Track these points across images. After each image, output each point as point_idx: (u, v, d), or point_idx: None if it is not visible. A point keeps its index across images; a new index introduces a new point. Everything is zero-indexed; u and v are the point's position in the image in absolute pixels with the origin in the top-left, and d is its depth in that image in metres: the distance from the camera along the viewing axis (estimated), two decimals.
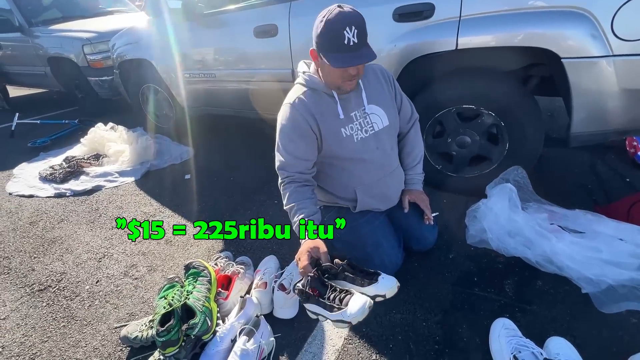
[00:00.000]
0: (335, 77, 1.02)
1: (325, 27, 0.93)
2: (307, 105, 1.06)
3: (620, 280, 1.07)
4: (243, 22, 1.96)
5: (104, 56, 3.23)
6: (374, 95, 1.15)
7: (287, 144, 1.09)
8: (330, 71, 1.00)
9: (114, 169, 2.28)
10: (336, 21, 0.92)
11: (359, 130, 1.13)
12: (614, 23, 1.12)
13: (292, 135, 1.07)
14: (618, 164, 1.87)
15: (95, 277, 1.38)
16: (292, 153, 1.08)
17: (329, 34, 0.93)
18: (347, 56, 0.93)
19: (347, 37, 0.91)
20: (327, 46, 0.95)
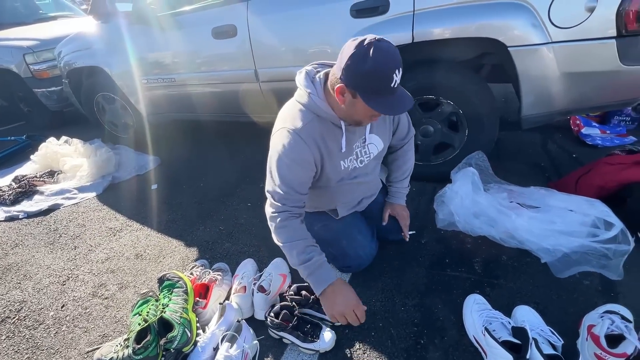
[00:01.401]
0: (363, 116, 0.92)
1: (373, 68, 0.80)
2: (313, 135, 0.95)
3: (572, 248, 1.17)
4: (200, 24, 1.90)
5: (50, 65, 2.99)
6: (376, 124, 1.08)
7: (286, 174, 0.95)
8: (361, 110, 0.90)
9: (72, 185, 2.14)
10: (386, 62, 0.80)
11: (355, 161, 1.08)
12: (550, 12, 1.22)
13: (293, 166, 0.95)
14: (565, 142, 2.04)
15: (60, 301, 1.30)
16: (292, 185, 0.96)
17: (377, 75, 0.81)
18: (392, 101, 0.85)
19: (395, 79, 0.82)
20: (370, 88, 0.83)
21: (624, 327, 0.85)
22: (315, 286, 0.99)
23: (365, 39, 0.81)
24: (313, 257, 0.97)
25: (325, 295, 0.98)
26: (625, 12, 1.16)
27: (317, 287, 0.99)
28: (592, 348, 0.85)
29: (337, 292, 0.98)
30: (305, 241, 0.99)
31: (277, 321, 1.00)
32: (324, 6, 1.56)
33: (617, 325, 0.86)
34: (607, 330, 0.85)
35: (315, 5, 1.58)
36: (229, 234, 1.58)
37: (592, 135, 2.01)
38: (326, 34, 1.59)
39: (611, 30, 1.19)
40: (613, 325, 0.86)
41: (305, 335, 0.99)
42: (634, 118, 2.08)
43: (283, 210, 0.98)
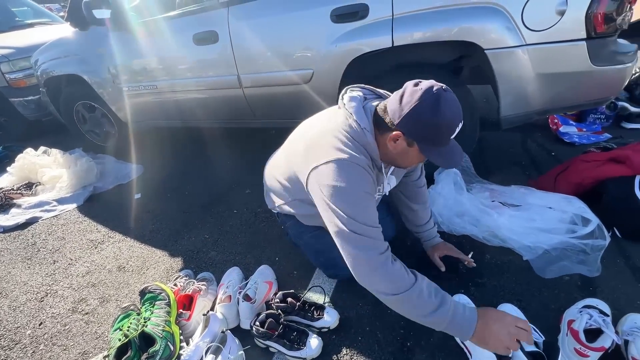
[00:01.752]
0: (409, 163, 0.91)
1: (442, 121, 0.77)
2: (366, 166, 0.86)
3: (552, 244, 1.20)
4: (181, 30, 1.88)
5: (27, 74, 2.91)
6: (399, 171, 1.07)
7: (371, 211, 0.84)
8: (412, 159, 0.88)
9: (51, 196, 2.07)
10: (454, 115, 0.78)
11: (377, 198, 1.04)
12: (523, 16, 1.25)
13: (372, 200, 0.86)
14: (545, 141, 2.09)
15: (38, 319, 1.25)
16: (374, 220, 0.84)
17: (443, 129, 0.79)
18: (448, 151, 0.83)
19: (457, 130, 0.81)
20: (431, 139, 0.81)
21: (601, 321, 0.87)
22: (462, 333, 0.81)
23: (432, 86, 0.78)
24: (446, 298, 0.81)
25: (477, 334, 0.79)
26: (594, 15, 1.20)
27: (465, 333, 0.80)
28: (572, 343, 0.86)
29: (489, 321, 0.80)
30: (427, 281, 0.84)
31: (263, 330, 0.99)
32: (304, 11, 1.57)
33: (595, 320, 0.88)
34: (586, 325, 0.87)
35: (296, 11, 1.58)
36: (215, 242, 1.55)
37: (569, 133, 2.07)
38: (307, 39, 1.60)
39: (581, 33, 1.23)
40: (591, 320, 0.88)
41: (292, 343, 0.98)
42: (608, 116, 2.16)
43: (386, 248, 0.83)
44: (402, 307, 0.82)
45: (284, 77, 1.71)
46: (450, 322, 0.79)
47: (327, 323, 1.04)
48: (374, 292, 0.83)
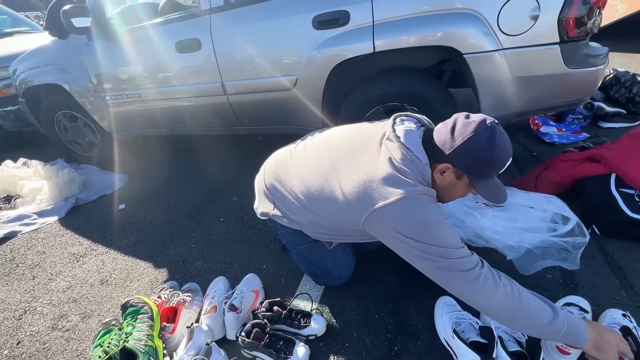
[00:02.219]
0: (456, 197, 0.92)
1: (497, 156, 0.77)
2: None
3: (534, 243, 1.22)
4: (163, 38, 1.87)
5: (5, 84, 2.83)
6: None
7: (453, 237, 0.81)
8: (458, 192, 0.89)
9: (31, 209, 2.01)
10: (508, 151, 0.79)
11: None
12: (499, 21, 1.29)
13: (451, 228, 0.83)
14: (526, 141, 2.14)
15: (15, 338, 1.20)
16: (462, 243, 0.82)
17: (497, 165, 0.79)
18: (497, 185, 0.86)
19: (507, 166, 0.82)
20: (482, 173, 0.81)
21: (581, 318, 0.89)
22: (578, 339, 0.78)
23: (485, 120, 0.78)
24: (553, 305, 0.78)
25: (592, 341, 0.77)
26: (566, 19, 1.24)
27: (581, 339, 0.78)
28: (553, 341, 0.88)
29: (599, 328, 0.80)
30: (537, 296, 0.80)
31: (249, 340, 0.97)
32: (286, 18, 1.57)
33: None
34: None
35: (278, 18, 1.59)
36: (201, 251, 1.53)
37: (549, 133, 2.12)
38: (290, 45, 1.60)
39: (555, 37, 1.27)
40: None
41: (279, 353, 0.97)
42: (586, 116, 2.22)
43: (486, 271, 0.78)
44: (519, 319, 0.78)
45: (268, 84, 1.71)
46: (567, 328, 0.76)
47: (314, 330, 1.04)
48: (490, 311, 0.80)
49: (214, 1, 1.69)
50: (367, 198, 0.82)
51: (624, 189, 1.28)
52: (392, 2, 1.38)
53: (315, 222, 1.01)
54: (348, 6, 1.44)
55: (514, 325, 0.82)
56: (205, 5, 1.71)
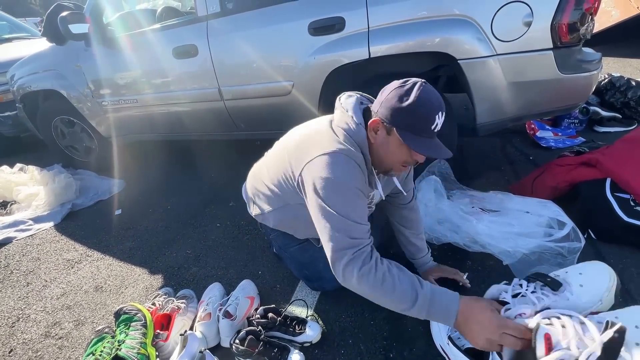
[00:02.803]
0: (396, 159, 0.87)
1: (416, 104, 0.78)
2: (361, 163, 0.86)
3: (530, 248, 1.22)
4: (159, 44, 1.88)
5: (3, 89, 2.84)
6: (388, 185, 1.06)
7: (360, 206, 0.83)
8: (394, 152, 0.85)
9: (27, 215, 2.00)
10: (430, 100, 0.79)
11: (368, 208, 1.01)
12: (493, 27, 1.30)
13: (362, 196, 0.85)
14: (523, 146, 2.15)
15: (8, 346, 1.19)
16: (363, 217, 0.83)
17: (418, 112, 0.78)
18: (433, 144, 0.81)
19: (437, 122, 0.80)
20: (409, 125, 0.80)
21: None
22: (445, 322, 0.81)
23: (411, 79, 0.81)
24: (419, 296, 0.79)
25: (458, 325, 0.78)
26: (559, 25, 1.25)
27: (448, 323, 0.80)
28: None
29: (469, 318, 0.77)
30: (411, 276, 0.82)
31: (243, 348, 0.96)
32: (282, 25, 1.59)
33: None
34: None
35: (274, 24, 1.60)
36: (197, 257, 1.52)
37: (546, 138, 2.13)
38: (286, 51, 1.61)
39: (548, 42, 1.28)
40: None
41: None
42: (581, 120, 2.23)
43: (369, 251, 0.81)
44: (380, 301, 0.82)
45: (264, 89, 1.72)
46: (427, 313, 0.79)
47: (309, 337, 1.03)
48: (352, 287, 0.83)
49: (210, 7, 1.70)
50: (301, 158, 0.88)
51: (619, 193, 1.28)
52: (386, 8, 1.39)
53: (282, 207, 1.05)
54: (343, 12, 1.45)
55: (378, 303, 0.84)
56: (202, 12, 1.72)
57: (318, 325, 1.06)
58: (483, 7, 1.29)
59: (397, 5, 1.37)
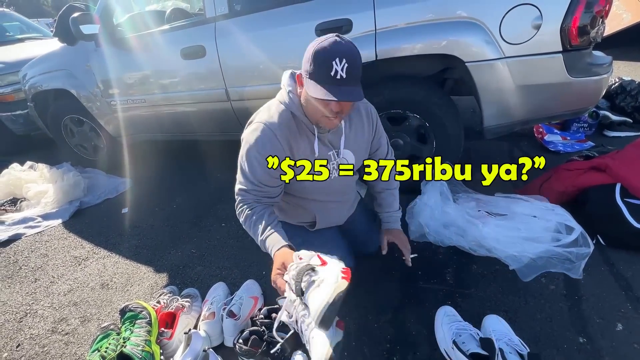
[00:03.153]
0: (316, 110, 0.90)
1: (315, 54, 0.83)
2: (284, 130, 0.95)
3: (537, 253, 1.20)
4: (168, 45, 1.90)
5: (15, 88, 2.90)
6: (352, 140, 1.07)
7: (257, 168, 0.95)
8: (312, 102, 0.89)
9: (36, 212, 2.03)
10: (327, 50, 0.82)
11: (334, 170, 1.07)
12: (501, 30, 1.29)
13: (261, 160, 0.95)
14: (530, 149, 2.13)
15: (15, 340, 1.21)
16: (262, 181, 0.96)
17: (317, 61, 0.83)
18: (331, 89, 0.82)
19: (336, 68, 0.81)
20: (312, 73, 0.84)
21: None
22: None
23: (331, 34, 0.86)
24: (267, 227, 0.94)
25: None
26: (569, 28, 1.24)
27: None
28: None
29: (275, 261, 0.89)
30: (268, 219, 0.96)
31: (246, 348, 0.96)
32: (289, 26, 1.59)
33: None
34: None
35: (282, 26, 1.61)
36: (201, 256, 1.53)
37: (554, 142, 2.10)
38: (293, 53, 1.62)
39: (557, 45, 1.27)
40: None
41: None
42: (591, 124, 2.21)
43: (251, 200, 0.99)
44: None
45: (271, 90, 1.72)
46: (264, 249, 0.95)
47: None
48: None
49: (219, 9, 1.72)
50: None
51: (629, 199, 1.26)
52: (394, 11, 1.39)
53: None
54: (351, 14, 1.45)
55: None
56: (211, 13, 1.74)
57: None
58: (491, 9, 1.28)
59: (404, 7, 1.37)
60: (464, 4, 1.30)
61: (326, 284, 0.73)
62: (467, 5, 1.30)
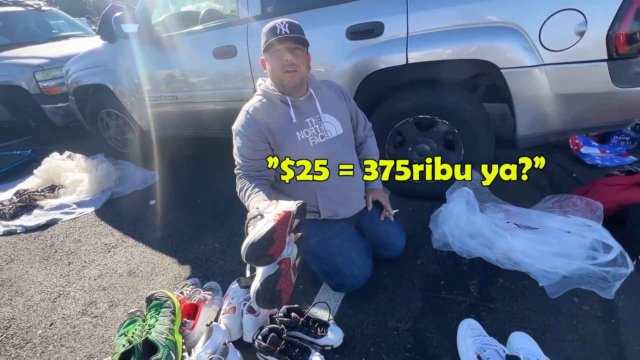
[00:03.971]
0: (276, 70, 1.10)
1: (263, 30, 1.10)
2: (260, 111, 1.14)
3: (571, 270, 1.14)
4: (201, 45, 1.96)
5: (58, 82, 3.09)
6: (328, 106, 1.22)
7: (241, 147, 1.15)
8: (271, 64, 1.12)
9: (72, 199, 2.15)
10: (271, 22, 1.08)
11: (315, 136, 1.18)
12: (541, 36, 1.24)
13: (245, 140, 1.14)
14: (564, 161, 2.02)
15: (49, 319, 1.28)
16: (247, 156, 1.14)
17: (265, 32, 1.09)
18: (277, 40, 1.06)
19: (279, 28, 1.06)
20: (265, 40, 1.09)
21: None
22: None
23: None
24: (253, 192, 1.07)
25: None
26: (616, 35, 1.17)
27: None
28: None
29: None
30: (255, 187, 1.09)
31: (265, 345, 0.98)
32: (320, 28, 1.60)
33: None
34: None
35: (312, 28, 1.60)
36: (223, 251, 1.57)
37: (591, 154, 1.99)
38: (322, 55, 1.62)
39: (602, 53, 1.20)
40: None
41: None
42: (633, 138, 2.07)
43: (244, 173, 1.15)
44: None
45: None
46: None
47: (330, 341, 1.02)
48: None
49: (252, 10, 1.76)
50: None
51: None
52: (428, 14, 1.37)
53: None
54: (383, 18, 1.44)
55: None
56: (244, 14, 1.78)
57: (340, 329, 1.05)
58: (532, 14, 1.23)
59: (440, 11, 1.35)
60: (503, 9, 1.26)
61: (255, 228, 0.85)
62: (506, 10, 1.26)
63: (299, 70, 1.11)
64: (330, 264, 1.20)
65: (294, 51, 1.08)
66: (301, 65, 1.10)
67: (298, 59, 1.09)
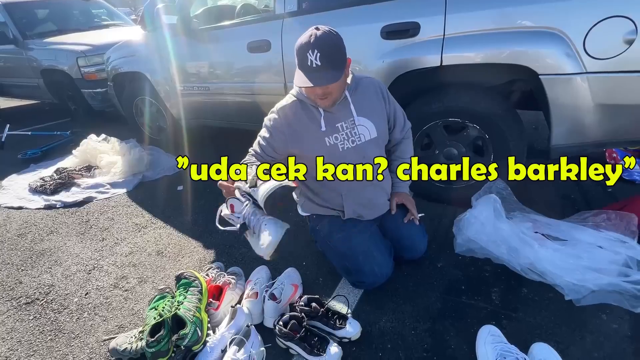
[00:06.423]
0: (308, 92, 1.12)
1: (296, 49, 1.04)
2: (288, 113, 1.17)
3: (601, 285, 1.11)
4: (237, 38, 2.02)
5: (98, 69, 3.26)
6: (364, 108, 1.19)
7: (263, 134, 1.21)
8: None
9: (106, 180, 2.28)
10: (304, 44, 1.01)
11: (346, 141, 1.18)
12: (585, 43, 1.20)
13: (266, 133, 1.19)
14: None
15: (85, 289, 1.37)
16: (262, 145, 1.20)
17: (297, 54, 1.04)
18: (308, 76, 1.02)
19: (310, 59, 1.00)
20: (298, 64, 1.06)
21: None
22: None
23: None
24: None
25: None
26: None
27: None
28: None
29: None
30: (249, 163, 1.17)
31: (285, 330, 1.01)
32: (355, 27, 1.61)
33: None
34: None
35: (347, 26, 1.62)
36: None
37: (629, 169, 1.90)
38: (356, 53, 1.62)
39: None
40: None
41: (312, 348, 0.99)
42: None
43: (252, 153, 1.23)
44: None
45: None
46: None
47: (348, 334, 1.04)
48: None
49: (288, 6, 1.79)
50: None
51: None
52: (466, 16, 1.35)
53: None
54: (419, 18, 1.44)
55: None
56: (280, 10, 1.82)
57: (358, 323, 1.07)
58: (577, 20, 1.19)
59: (479, 13, 1.33)
60: (547, 13, 1.23)
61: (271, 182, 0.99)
62: (550, 14, 1.22)
63: (331, 97, 1.10)
64: (351, 260, 1.21)
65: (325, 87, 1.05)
66: (334, 92, 1.08)
67: (331, 87, 1.06)
